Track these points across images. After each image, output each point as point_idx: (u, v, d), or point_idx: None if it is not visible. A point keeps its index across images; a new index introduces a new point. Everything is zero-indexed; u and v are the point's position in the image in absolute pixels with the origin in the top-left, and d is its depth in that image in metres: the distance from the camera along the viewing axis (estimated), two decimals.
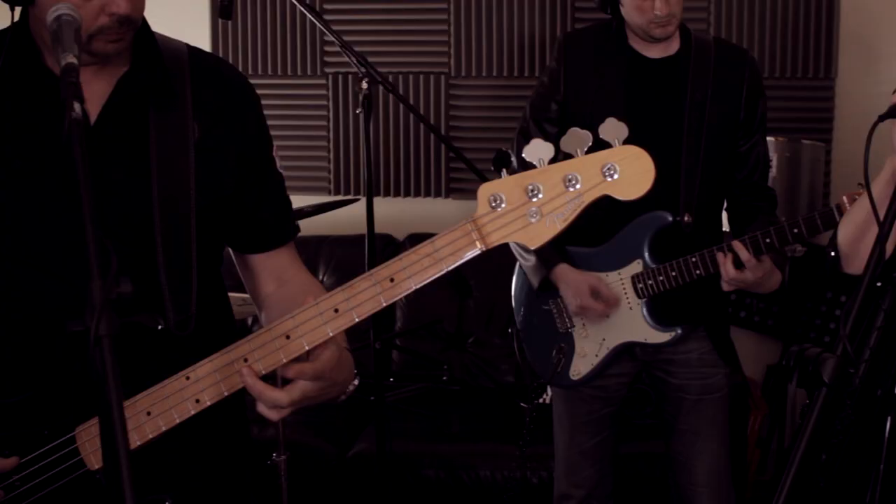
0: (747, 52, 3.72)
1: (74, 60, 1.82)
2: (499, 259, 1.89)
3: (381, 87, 3.91)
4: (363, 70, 3.81)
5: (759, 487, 4.94)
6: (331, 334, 1.98)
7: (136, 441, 2.02)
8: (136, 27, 2.11)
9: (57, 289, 2.12)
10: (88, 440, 2.09)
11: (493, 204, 1.91)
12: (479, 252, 1.92)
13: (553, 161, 1.90)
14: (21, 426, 2.13)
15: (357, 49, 3.95)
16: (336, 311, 1.97)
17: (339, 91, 5.59)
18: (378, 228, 4.06)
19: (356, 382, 2.13)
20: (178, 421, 2.05)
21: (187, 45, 2.28)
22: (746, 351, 4.65)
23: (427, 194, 5.61)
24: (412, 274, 1.95)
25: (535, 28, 5.45)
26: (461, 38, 5.49)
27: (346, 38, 4.27)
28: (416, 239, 5.31)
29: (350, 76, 5.56)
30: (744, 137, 3.57)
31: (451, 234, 1.93)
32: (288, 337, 1.99)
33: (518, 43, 5.46)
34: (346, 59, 5.39)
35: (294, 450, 4.25)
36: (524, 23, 5.45)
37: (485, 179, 3.89)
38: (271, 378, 2.04)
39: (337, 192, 5.61)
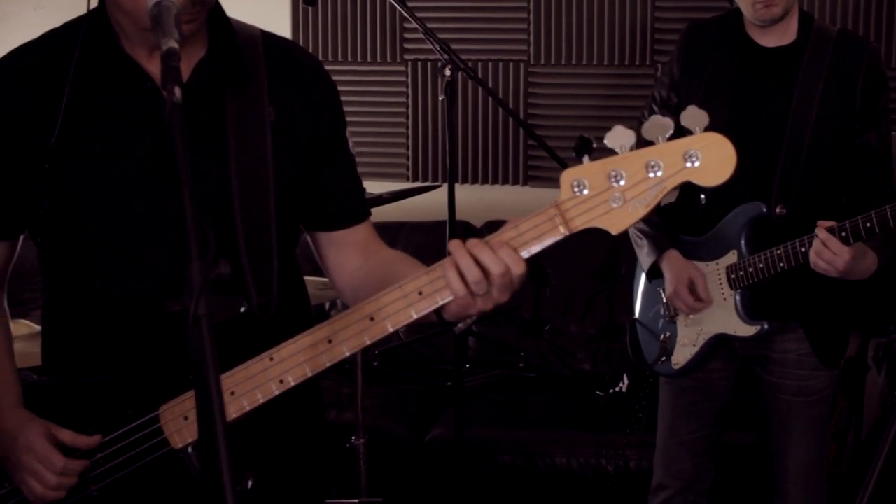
0: (870, 42, 3.64)
1: (175, 45, 1.84)
2: (576, 247, 1.91)
3: (460, 75, 3.92)
4: (446, 57, 3.83)
5: (834, 480, 4.90)
6: (415, 316, 2.00)
7: None
8: (209, 7, 2.13)
9: (138, 271, 2.15)
10: (172, 419, 2.12)
11: (576, 189, 1.93)
12: (562, 237, 1.94)
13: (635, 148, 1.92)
14: (105, 405, 2.17)
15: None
16: (420, 293, 1.99)
17: (419, 78, 5.61)
18: (456, 215, 4.08)
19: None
20: (261, 401, 2.08)
21: (261, 30, 2.30)
22: None
23: (505, 181, 5.61)
24: None
25: (614, 16, 5.42)
26: (540, 25, 5.48)
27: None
28: (494, 226, 5.32)
29: (429, 63, 5.58)
30: (859, 130, 3.50)
31: (534, 218, 1.95)
32: (372, 319, 2.02)
33: (598, 31, 5.44)
34: (425, 46, 5.46)
35: (372, 434, 4.29)
36: (604, 10, 5.43)
37: (566, 167, 3.91)
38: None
39: (415, 179, 5.63)
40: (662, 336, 3.68)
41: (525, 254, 1.96)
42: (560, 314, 5.29)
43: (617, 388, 4.95)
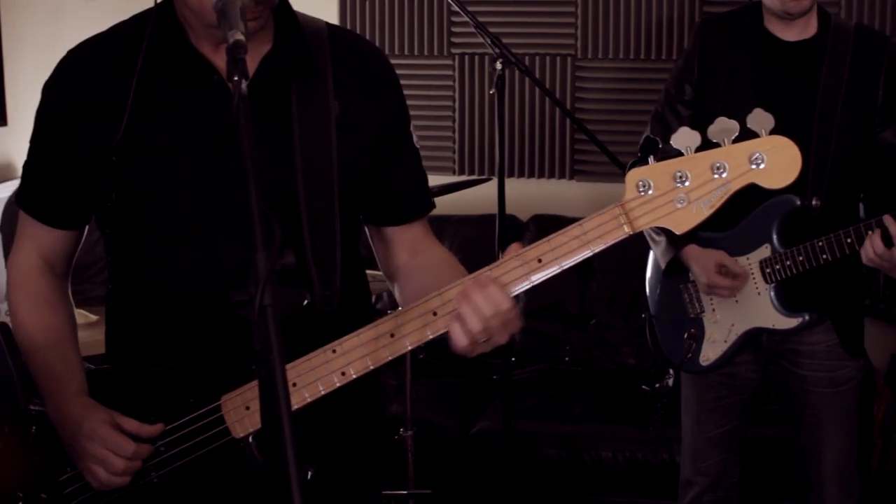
0: (889, 38, 3.67)
1: (242, 37, 1.85)
2: (622, 241, 1.94)
3: (509, 69, 3.93)
4: (497, 51, 3.84)
5: (881, 477, 4.90)
6: None
7: None
8: (272, 5, 2.14)
9: (203, 261, 2.17)
10: (233, 409, 2.15)
11: (641, 189, 1.96)
12: (626, 236, 1.97)
13: (699, 149, 1.94)
14: (167, 394, 2.20)
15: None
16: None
17: (466, 72, 5.63)
18: (497, 209, 4.09)
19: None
20: (322, 393, 2.10)
21: (327, 23, 2.32)
22: (872, 339, 4.59)
23: (551, 175, 5.62)
24: (560, 255, 2.00)
25: (662, 10, 5.43)
26: (588, 19, 5.49)
27: (467, 18, 4.30)
28: (540, 220, 5.35)
29: (476, 57, 5.60)
30: (881, 124, 3.52)
31: (599, 217, 1.98)
32: (435, 314, 2.04)
33: (645, 25, 5.45)
34: (473, 40, 5.50)
35: (418, 426, 4.31)
36: (652, 4, 5.43)
37: (617, 162, 3.93)
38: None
39: (461, 173, 5.65)
40: (687, 333, 3.67)
41: (588, 252, 1.98)
42: (605, 308, 5.30)
43: (663, 383, 4.94)
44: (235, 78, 1.82)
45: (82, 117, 2.20)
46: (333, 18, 5.69)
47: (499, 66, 3.84)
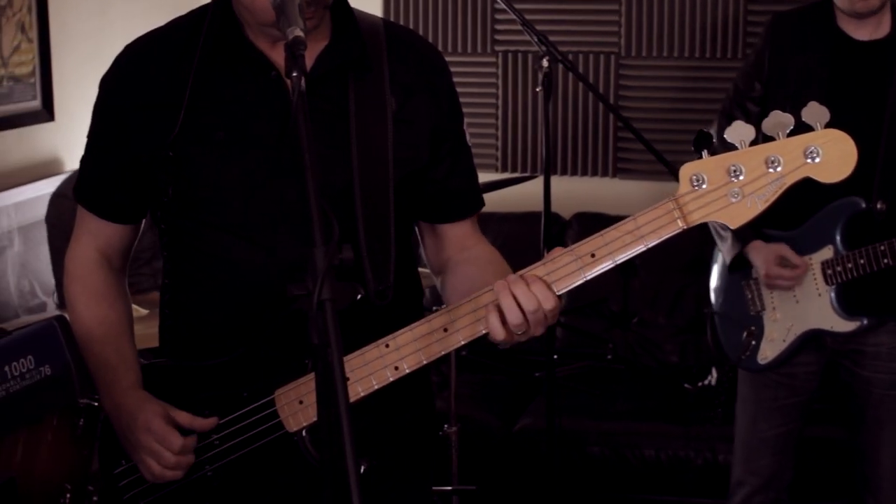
0: None
1: (301, 34, 1.87)
2: (665, 241, 1.96)
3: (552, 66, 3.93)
4: (544, 49, 3.84)
5: None
6: None
7: None
8: (326, 5, 2.16)
9: (258, 256, 2.19)
10: (287, 403, 2.16)
11: (695, 183, 1.96)
12: (680, 230, 1.98)
13: (754, 143, 1.94)
14: (221, 388, 2.22)
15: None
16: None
17: (509, 69, 5.63)
18: (540, 207, 4.09)
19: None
20: (375, 387, 2.12)
21: (383, 20, 2.33)
22: None
23: (594, 173, 5.61)
24: (613, 250, 2.01)
25: (706, 7, 5.40)
26: (632, 17, 5.48)
27: (511, 15, 4.29)
28: (583, 218, 5.35)
29: (520, 54, 5.59)
30: None
31: (652, 212, 1.98)
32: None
33: (689, 23, 5.43)
34: (516, 37, 5.51)
35: (462, 422, 4.32)
36: (696, 2, 5.41)
37: (663, 161, 3.92)
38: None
39: (504, 170, 5.65)
40: (747, 331, 3.67)
41: (642, 247, 1.99)
42: (648, 306, 5.29)
43: (705, 382, 4.95)
44: (294, 74, 1.84)
45: (139, 112, 2.22)
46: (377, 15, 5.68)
47: (545, 63, 3.84)
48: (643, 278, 5.30)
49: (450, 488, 4.23)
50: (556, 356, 5.04)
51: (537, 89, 3.88)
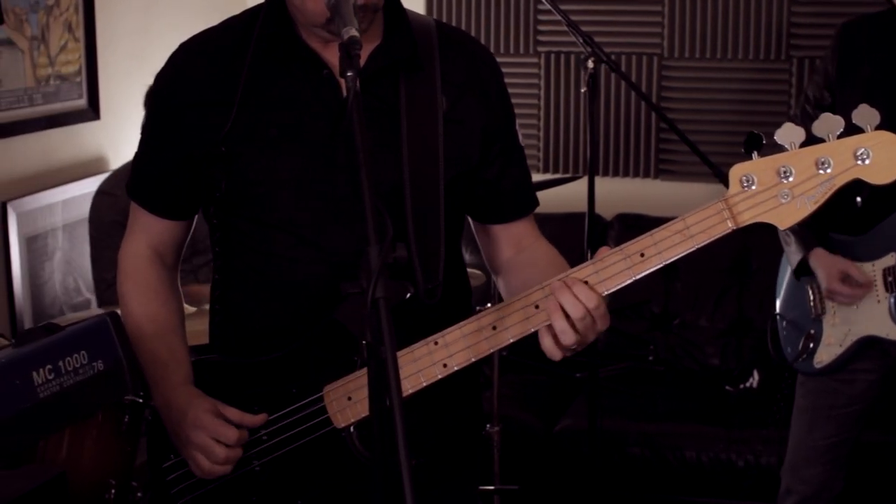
0: None
1: (356, 34, 1.88)
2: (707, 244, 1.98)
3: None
4: (589, 50, 3.85)
5: None
6: None
7: None
8: (375, 10, 2.17)
9: (309, 253, 2.20)
10: (336, 399, 2.18)
11: (745, 184, 1.97)
12: (729, 231, 1.99)
13: (804, 145, 1.95)
14: (270, 384, 2.23)
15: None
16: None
17: (552, 70, 5.63)
18: (582, 208, 4.10)
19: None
20: (424, 384, 2.13)
21: (435, 20, 2.34)
22: None
23: (636, 174, 5.61)
24: (662, 250, 2.01)
25: (750, 10, 5.39)
26: (675, 18, 5.48)
27: (554, 16, 4.29)
28: (625, 219, 5.35)
29: (562, 55, 5.60)
30: None
31: (702, 212, 1.99)
32: (537, 307, 2.06)
33: (732, 24, 5.42)
34: (559, 38, 5.51)
35: (504, 422, 4.33)
36: (740, 4, 5.40)
37: (708, 163, 3.91)
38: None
39: (545, 171, 5.65)
40: (806, 333, 3.66)
41: (692, 247, 2.00)
42: (690, 308, 5.29)
43: (747, 384, 4.95)
44: (349, 74, 1.86)
45: (193, 109, 2.24)
46: None
47: (591, 64, 3.84)
48: (685, 280, 5.30)
49: (492, 488, 4.25)
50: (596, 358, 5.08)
51: (582, 90, 3.87)
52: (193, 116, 2.23)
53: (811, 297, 3.65)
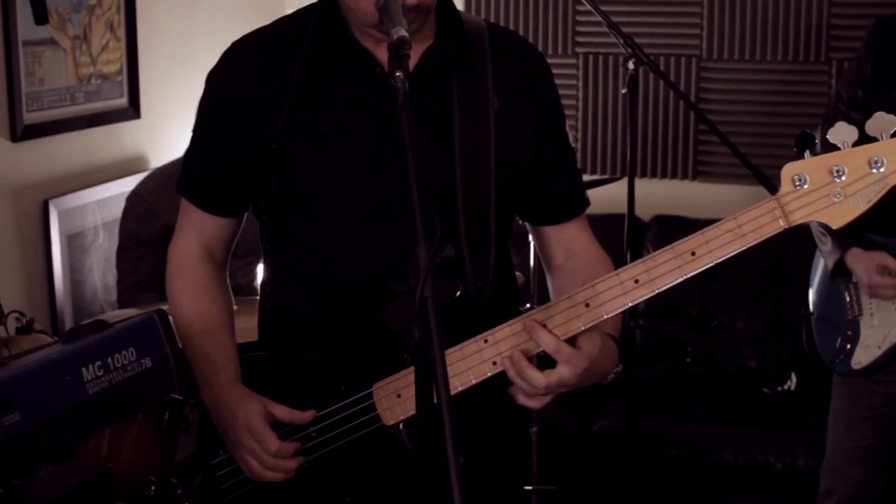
0: None
1: (406, 34, 1.88)
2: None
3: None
4: (629, 51, 3.84)
5: None
6: (630, 304, 2.05)
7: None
8: (428, 11, 2.17)
9: (359, 251, 2.21)
10: (385, 397, 2.18)
11: (797, 183, 1.96)
12: (781, 230, 1.98)
13: (857, 145, 1.94)
14: (319, 381, 2.24)
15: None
16: (636, 281, 2.03)
17: (590, 71, 5.63)
18: (620, 209, 4.09)
19: (618, 370, 2.22)
20: (473, 382, 2.13)
21: (487, 21, 2.34)
22: None
23: (674, 176, 5.60)
24: (713, 248, 2.01)
25: (789, 11, 5.37)
26: (714, 19, 5.46)
27: (592, 17, 4.27)
28: (663, 220, 5.34)
29: (601, 56, 5.60)
30: None
31: (753, 210, 1.98)
32: (587, 305, 2.06)
33: (772, 25, 5.40)
34: (598, 39, 5.50)
35: (541, 422, 4.33)
36: (779, 5, 5.37)
37: (748, 164, 3.90)
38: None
39: (583, 172, 5.63)
40: (843, 334, 3.64)
41: (743, 246, 1.99)
42: (727, 310, 5.27)
43: (785, 387, 4.93)
44: (398, 74, 1.86)
45: (245, 106, 2.25)
46: None
47: (631, 65, 3.84)
48: (722, 282, 5.28)
49: (530, 488, 4.25)
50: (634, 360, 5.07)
51: (622, 91, 3.88)
52: (245, 114, 2.24)
53: (847, 299, 3.63)
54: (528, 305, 3.94)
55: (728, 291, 5.28)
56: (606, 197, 4.71)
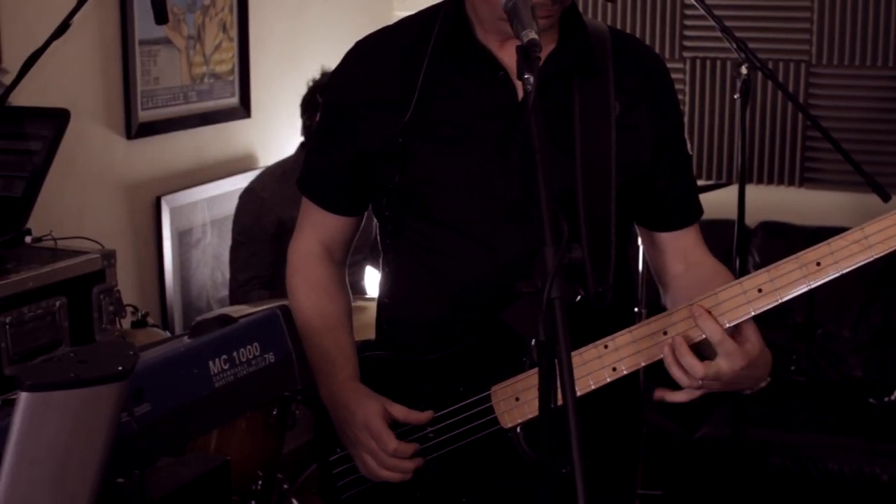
0: None
1: (536, 36, 1.87)
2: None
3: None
4: (742, 55, 3.82)
5: None
6: (752, 314, 2.04)
7: None
8: (565, 6, 2.18)
9: (478, 252, 2.21)
10: (503, 399, 2.19)
11: None
12: None
13: None
14: (437, 382, 2.25)
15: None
16: (760, 290, 2.03)
17: (697, 75, 5.60)
18: (727, 215, 4.05)
19: (767, 381, 2.21)
20: (592, 388, 2.13)
21: (609, 26, 2.34)
22: None
23: (780, 182, 5.55)
24: (839, 259, 2.00)
25: None
26: (824, 25, 5.40)
27: (700, 21, 4.24)
28: (768, 227, 5.30)
29: (708, 61, 5.56)
30: None
31: (883, 221, 1.96)
32: (710, 312, 2.05)
33: (884, 30, 5.32)
34: (705, 43, 5.47)
35: (645, 428, 4.31)
36: (891, 10, 5.30)
37: (863, 173, 3.86)
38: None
39: None
40: None
41: (870, 258, 2.00)
42: (833, 318, 5.22)
43: (892, 397, 4.86)
44: (527, 76, 1.86)
45: (367, 106, 2.26)
46: None
47: (744, 70, 3.81)
48: (829, 290, 5.19)
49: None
50: None
51: (735, 97, 3.84)
52: (368, 113, 2.26)
53: None
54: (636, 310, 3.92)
55: (834, 300, 5.22)
56: (711, 202, 4.66)
